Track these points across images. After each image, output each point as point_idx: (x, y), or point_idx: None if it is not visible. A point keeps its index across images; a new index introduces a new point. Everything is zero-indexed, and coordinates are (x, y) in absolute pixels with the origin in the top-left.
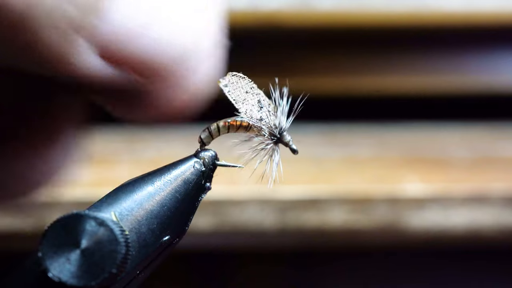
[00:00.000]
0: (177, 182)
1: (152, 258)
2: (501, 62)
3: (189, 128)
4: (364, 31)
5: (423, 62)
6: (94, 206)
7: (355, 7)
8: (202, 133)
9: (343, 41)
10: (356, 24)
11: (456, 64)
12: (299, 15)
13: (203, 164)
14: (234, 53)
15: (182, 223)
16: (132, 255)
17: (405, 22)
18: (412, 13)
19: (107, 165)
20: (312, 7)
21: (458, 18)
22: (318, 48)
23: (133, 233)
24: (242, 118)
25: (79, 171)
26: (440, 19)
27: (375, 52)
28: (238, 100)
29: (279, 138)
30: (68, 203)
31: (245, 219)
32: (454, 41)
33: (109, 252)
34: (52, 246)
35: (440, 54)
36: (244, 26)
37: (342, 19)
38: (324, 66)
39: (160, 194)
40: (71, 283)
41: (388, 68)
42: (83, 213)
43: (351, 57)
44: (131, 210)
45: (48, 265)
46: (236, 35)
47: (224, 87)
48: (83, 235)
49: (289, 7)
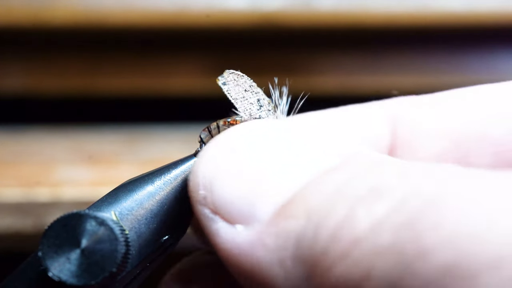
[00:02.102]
0: (177, 182)
1: (152, 257)
2: (501, 62)
3: (189, 128)
4: (364, 31)
5: (423, 62)
6: (94, 205)
7: (355, 7)
8: (202, 133)
9: (343, 41)
10: (356, 24)
11: (456, 64)
12: (299, 15)
13: None
14: (234, 53)
15: (182, 223)
16: (132, 254)
17: (405, 22)
18: (412, 13)
19: (107, 165)
20: (312, 7)
21: (458, 18)
22: (318, 48)
23: (133, 233)
24: (242, 117)
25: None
26: (440, 19)
27: (375, 52)
28: (238, 99)
29: None
30: (68, 203)
31: None
32: (454, 41)
33: (109, 252)
34: (52, 245)
35: (440, 54)
36: (244, 26)
37: (342, 19)
38: (324, 66)
39: (160, 194)
40: (71, 282)
41: (388, 68)
42: (83, 212)
43: (351, 57)
44: (131, 210)
45: (48, 265)
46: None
47: (224, 85)
48: (83, 235)
49: (289, 7)
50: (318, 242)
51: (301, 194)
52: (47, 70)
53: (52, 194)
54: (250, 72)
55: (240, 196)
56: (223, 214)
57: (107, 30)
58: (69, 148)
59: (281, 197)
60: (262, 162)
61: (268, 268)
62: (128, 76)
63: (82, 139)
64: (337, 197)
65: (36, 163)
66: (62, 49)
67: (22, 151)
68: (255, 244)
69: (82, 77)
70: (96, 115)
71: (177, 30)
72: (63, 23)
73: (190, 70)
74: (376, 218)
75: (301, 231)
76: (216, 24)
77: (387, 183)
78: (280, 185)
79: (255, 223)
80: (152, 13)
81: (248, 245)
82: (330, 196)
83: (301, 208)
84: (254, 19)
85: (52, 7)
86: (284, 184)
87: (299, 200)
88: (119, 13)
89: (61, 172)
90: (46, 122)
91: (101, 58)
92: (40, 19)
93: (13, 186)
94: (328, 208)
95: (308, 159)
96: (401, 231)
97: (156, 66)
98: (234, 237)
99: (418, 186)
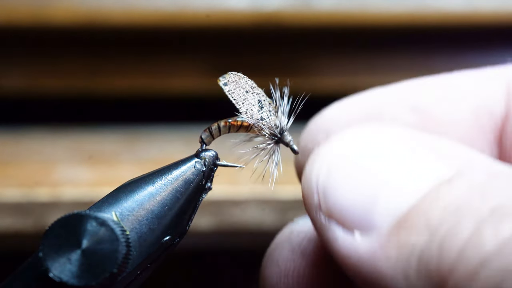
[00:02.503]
0: (178, 182)
1: (153, 258)
2: (501, 62)
3: (189, 128)
4: (364, 31)
5: (423, 62)
6: (95, 206)
7: (355, 7)
8: (203, 133)
9: (343, 41)
10: (356, 24)
11: (456, 64)
12: (299, 15)
13: (204, 164)
14: (234, 53)
15: (183, 223)
16: (133, 255)
17: (405, 22)
18: (412, 13)
19: (107, 165)
20: (312, 7)
21: (458, 18)
22: (318, 48)
23: (134, 233)
24: (243, 118)
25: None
26: (440, 19)
27: (375, 52)
28: (239, 100)
29: (280, 138)
30: (69, 203)
31: (245, 219)
32: (454, 41)
33: (110, 252)
34: (53, 246)
35: (440, 54)
36: (244, 26)
37: (342, 19)
38: (324, 66)
39: (161, 194)
40: (72, 283)
41: (388, 68)
42: (84, 213)
43: (351, 57)
44: (132, 210)
45: (49, 265)
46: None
47: (225, 86)
48: (84, 235)
49: (289, 7)
50: (445, 259)
51: (420, 207)
52: (47, 70)
53: (52, 194)
54: (250, 72)
55: (357, 203)
56: (340, 219)
57: (107, 30)
58: (69, 148)
59: (400, 206)
60: (380, 169)
61: (391, 279)
62: (128, 76)
63: (82, 139)
64: (459, 214)
65: (36, 163)
66: (62, 49)
67: (22, 151)
68: (377, 254)
69: (82, 77)
70: (96, 115)
71: (177, 30)
72: (63, 23)
73: (190, 70)
74: (503, 238)
75: (424, 245)
76: (216, 24)
77: (509, 202)
78: (398, 194)
79: (373, 231)
80: (152, 13)
81: (369, 255)
82: (451, 212)
83: (422, 221)
84: (254, 19)
85: (52, 7)
86: (402, 193)
87: (419, 213)
88: (119, 13)
89: (61, 172)
90: (46, 122)
91: (101, 58)
92: (40, 19)
93: (13, 186)
94: (452, 225)
95: (424, 169)
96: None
97: (156, 66)
98: (353, 244)
99: None
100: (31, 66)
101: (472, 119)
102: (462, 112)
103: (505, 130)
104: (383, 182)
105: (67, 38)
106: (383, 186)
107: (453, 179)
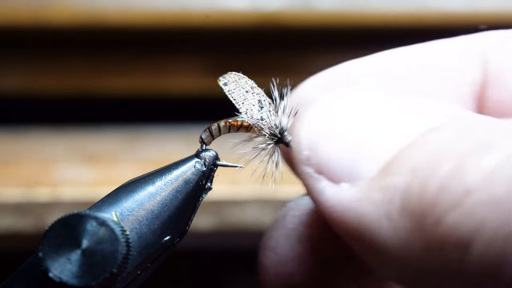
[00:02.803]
0: (178, 182)
1: (153, 258)
2: None
3: (189, 128)
4: (364, 31)
5: None
6: (95, 206)
7: (355, 7)
8: (203, 133)
9: (343, 41)
10: (356, 24)
11: None
12: (299, 15)
13: (204, 164)
14: (234, 53)
15: (183, 223)
16: (133, 255)
17: (405, 22)
18: (412, 13)
19: (107, 165)
20: (312, 7)
21: (458, 18)
22: (318, 48)
23: (134, 233)
24: (243, 118)
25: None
26: (440, 19)
27: (375, 52)
28: (239, 100)
29: (280, 138)
30: (68, 203)
31: (245, 219)
32: None
33: (110, 252)
34: (53, 246)
35: None
36: (244, 26)
37: (342, 19)
38: (324, 66)
39: (161, 194)
40: (72, 283)
41: None
42: (84, 213)
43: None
44: (132, 210)
45: (49, 265)
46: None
47: (225, 86)
48: (84, 235)
49: (289, 7)
50: (427, 194)
51: (404, 152)
52: (47, 70)
53: (52, 194)
54: (249, 72)
55: (344, 156)
56: (327, 173)
57: (107, 30)
58: (69, 148)
59: (384, 155)
60: (365, 123)
61: (375, 222)
62: (128, 76)
63: (82, 139)
64: (444, 153)
65: (36, 163)
66: (62, 49)
67: (22, 151)
68: (361, 200)
69: (82, 77)
70: (96, 115)
71: (177, 30)
72: (63, 23)
73: (190, 70)
74: (488, 169)
75: (407, 185)
76: (216, 24)
77: (497, 138)
78: (383, 144)
79: (360, 180)
80: (152, 13)
81: (354, 201)
82: (436, 152)
83: (406, 164)
84: (254, 19)
85: (52, 7)
86: (387, 143)
87: (403, 157)
88: (119, 13)
89: (61, 172)
90: (46, 122)
91: (101, 58)
92: (40, 19)
93: (13, 186)
94: (435, 162)
95: (410, 121)
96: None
97: (156, 66)
98: (339, 194)
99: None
100: (31, 66)
101: (451, 87)
102: (441, 81)
103: (484, 97)
104: (370, 134)
105: (67, 38)
106: (370, 138)
107: (439, 127)
